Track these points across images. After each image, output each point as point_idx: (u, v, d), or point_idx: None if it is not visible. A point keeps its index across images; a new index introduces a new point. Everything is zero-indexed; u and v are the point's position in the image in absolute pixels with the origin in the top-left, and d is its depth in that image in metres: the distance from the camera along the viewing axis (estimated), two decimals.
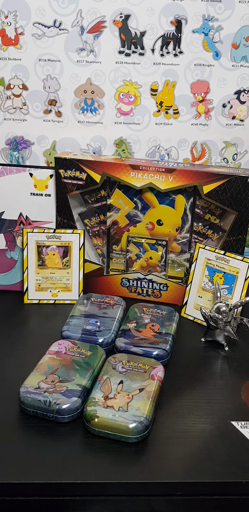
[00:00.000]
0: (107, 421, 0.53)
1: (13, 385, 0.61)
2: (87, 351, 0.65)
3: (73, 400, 0.56)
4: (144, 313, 0.77)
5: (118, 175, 0.83)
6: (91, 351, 0.66)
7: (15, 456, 0.52)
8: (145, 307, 0.79)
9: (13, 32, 0.88)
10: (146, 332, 0.72)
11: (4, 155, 0.96)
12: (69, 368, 0.62)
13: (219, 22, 0.88)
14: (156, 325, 0.74)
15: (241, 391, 0.64)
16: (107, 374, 0.61)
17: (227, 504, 0.52)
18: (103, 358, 0.65)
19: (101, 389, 0.58)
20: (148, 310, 0.78)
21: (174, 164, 0.86)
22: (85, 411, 0.55)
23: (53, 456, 0.52)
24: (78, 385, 0.59)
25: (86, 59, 0.90)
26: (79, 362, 0.63)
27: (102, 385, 0.59)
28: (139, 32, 0.88)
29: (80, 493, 0.49)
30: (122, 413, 0.54)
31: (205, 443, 0.55)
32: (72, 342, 0.68)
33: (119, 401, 0.56)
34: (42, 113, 0.93)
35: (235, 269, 0.78)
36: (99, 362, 0.64)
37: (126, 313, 0.79)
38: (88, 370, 0.62)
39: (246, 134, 0.95)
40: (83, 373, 0.61)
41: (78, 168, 0.84)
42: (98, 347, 0.67)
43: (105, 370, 0.62)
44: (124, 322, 0.75)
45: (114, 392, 0.57)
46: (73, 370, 0.61)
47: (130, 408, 0.55)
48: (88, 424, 0.54)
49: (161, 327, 0.74)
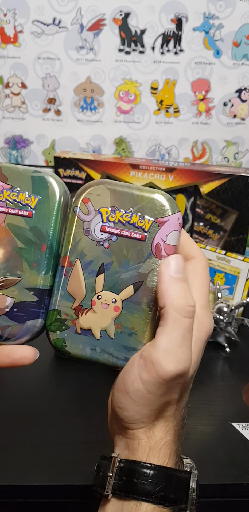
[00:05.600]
0: (84, 358, 0.33)
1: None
2: (31, 194, 0.33)
3: (29, 327, 0.33)
4: None
5: (118, 175, 0.83)
6: (38, 193, 0.33)
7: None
8: None
9: (12, 30, 0.87)
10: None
11: (3, 154, 0.95)
12: (6, 246, 0.33)
13: (220, 20, 0.87)
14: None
15: (242, 393, 0.64)
16: (77, 249, 0.33)
17: (228, 506, 0.51)
18: (63, 205, 0.33)
19: (69, 288, 0.33)
20: None
21: (174, 163, 0.85)
22: (49, 339, 0.33)
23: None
24: (31, 288, 0.33)
25: (85, 57, 0.89)
26: (21, 230, 0.33)
27: (70, 279, 0.33)
28: (139, 30, 0.87)
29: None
30: (107, 342, 0.32)
31: (205, 445, 0.54)
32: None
33: (99, 317, 0.32)
34: (41, 112, 0.92)
35: (236, 270, 0.77)
36: (58, 218, 0.33)
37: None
38: (42, 248, 0.33)
39: (247, 133, 0.94)
40: (35, 254, 0.33)
41: (78, 167, 0.84)
42: (50, 183, 0.33)
43: (73, 240, 0.33)
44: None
45: (91, 295, 0.33)
46: (14, 252, 0.33)
47: (119, 330, 0.33)
48: (60, 354, 0.35)
49: None
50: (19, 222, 0.33)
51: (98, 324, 0.33)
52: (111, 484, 0.30)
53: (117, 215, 0.32)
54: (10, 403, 0.59)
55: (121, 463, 0.31)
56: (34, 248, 0.33)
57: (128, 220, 0.32)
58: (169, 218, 0.32)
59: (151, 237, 0.32)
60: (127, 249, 0.32)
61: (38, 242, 0.33)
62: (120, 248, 0.32)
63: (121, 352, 0.32)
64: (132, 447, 0.31)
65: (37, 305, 0.33)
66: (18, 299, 0.33)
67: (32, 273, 0.33)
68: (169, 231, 0.32)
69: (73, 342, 0.33)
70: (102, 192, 0.33)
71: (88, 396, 0.60)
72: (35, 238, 0.33)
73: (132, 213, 0.32)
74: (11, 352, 0.32)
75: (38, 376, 0.63)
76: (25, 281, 0.33)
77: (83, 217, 0.33)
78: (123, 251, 0.33)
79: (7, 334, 0.33)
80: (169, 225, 0.32)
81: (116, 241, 0.33)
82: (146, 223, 0.32)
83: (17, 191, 0.33)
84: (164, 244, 0.32)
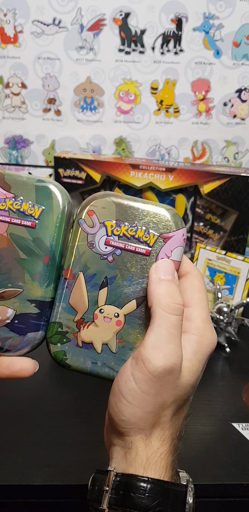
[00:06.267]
0: (85, 371, 0.33)
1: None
2: (34, 204, 0.33)
3: (30, 339, 0.33)
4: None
5: (118, 175, 0.83)
6: (42, 203, 0.33)
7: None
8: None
9: (12, 30, 0.87)
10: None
11: (3, 154, 0.95)
12: (8, 256, 0.32)
13: (220, 20, 0.87)
14: None
15: (242, 393, 0.64)
16: (80, 262, 0.32)
17: (228, 506, 0.51)
18: (66, 216, 0.33)
19: (71, 301, 0.32)
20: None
21: (174, 163, 0.85)
22: (50, 351, 0.33)
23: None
24: (32, 300, 0.32)
25: (85, 57, 0.89)
26: (24, 241, 0.32)
27: (72, 292, 0.32)
28: (139, 30, 0.87)
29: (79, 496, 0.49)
30: (108, 356, 0.32)
31: (205, 445, 0.54)
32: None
33: (101, 330, 0.32)
34: (41, 112, 0.92)
35: (236, 270, 0.77)
36: (62, 230, 0.33)
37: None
38: (45, 260, 0.32)
39: (247, 133, 0.94)
40: (37, 266, 0.32)
41: (78, 167, 0.84)
42: (54, 193, 0.33)
43: (77, 252, 0.33)
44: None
45: (93, 308, 0.32)
46: (16, 262, 0.32)
47: (121, 344, 0.33)
48: (60, 366, 0.34)
49: None
50: (22, 232, 0.32)
51: (100, 338, 0.32)
52: (107, 498, 0.30)
53: (122, 229, 0.32)
54: (10, 403, 0.59)
55: (117, 477, 0.30)
56: (37, 259, 0.32)
57: (132, 234, 0.32)
58: (174, 233, 0.32)
59: (156, 252, 0.32)
60: (131, 263, 0.32)
61: (41, 254, 0.32)
62: (124, 262, 0.32)
63: (122, 366, 0.32)
64: (129, 458, 0.31)
65: (38, 317, 0.32)
66: (19, 310, 0.32)
67: (34, 285, 0.32)
68: (174, 246, 0.32)
69: (74, 355, 0.33)
70: (107, 205, 0.32)
71: (88, 396, 0.60)
72: (38, 249, 0.32)
73: (137, 228, 0.32)
74: (10, 364, 0.32)
75: (39, 376, 0.63)
76: (27, 293, 0.32)
77: (87, 230, 0.32)
78: (127, 265, 0.32)
79: (8, 345, 0.33)
80: (173, 240, 0.32)
81: (120, 255, 0.32)
82: (151, 238, 0.32)
83: (20, 201, 0.32)
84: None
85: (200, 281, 0.33)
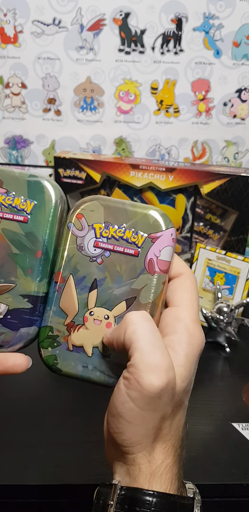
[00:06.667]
0: (76, 376, 0.33)
1: None
2: (27, 199, 0.33)
3: (23, 335, 0.32)
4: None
5: (118, 175, 0.83)
6: (34, 198, 0.33)
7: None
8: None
9: (12, 30, 0.87)
10: None
11: (3, 154, 0.95)
12: (0, 252, 0.32)
13: (220, 20, 0.87)
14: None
15: (242, 393, 0.64)
16: (70, 265, 0.33)
17: (228, 506, 0.51)
18: (59, 211, 0.33)
19: (62, 304, 0.32)
20: None
21: (174, 163, 0.85)
22: (41, 356, 0.33)
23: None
24: (25, 295, 0.32)
25: (85, 57, 0.89)
26: (16, 236, 0.32)
27: (63, 295, 0.32)
28: (139, 30, 0.87)
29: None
30: (98, 360, 0.32)
31: (205, 445, 0.54)
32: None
33: (92, 333, 0.32)
34: (41, 112, 0.92)
35: (236, 270, 0.77)
36: (54, 224, 0.33)
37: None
38: (37, 254, 0.32)
39: (247, 133, 0.94)
40: (29, 260, 0.32)
41: (78, 167, 0.84)
42: (46, 188, 0.33)
43: (67, 255, 0.33)
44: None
45: (83, 311, 0.32)
46: (8, 257, 0.32)
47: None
48: (51, 371, 0.34)
49: None
50: (14, 227, 0.32)
51: (91, 341, 0.32)
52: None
53: (111, 231, 0.32)
54: (10, 403, 0.59)
55: (122, 491, 0.30)
56: (29, 254, 0.32)
57: (121, 236, 0.32)
58: (162, 233, 0.32)
59: (144, 253, 0.32)
60: (120, 264, 0.32)
61: (33, 248, 0.32)
62: (113, 264, 0.32)
63: (113, 370, 0.32)
64: (133, 474, 0.30)
65: (31, 312, 0.32)
66: (12, 306, 0.32)
67: (26, 279, 0.32)
68: (162, 246, 0.32)
69: (65, 359, 0.32)
70: (96, 208, 0.33)
71: (88, 396, 0.60)
72: (30, 244, 0.32)
73: (125, 229, 0.32)
74: (3, 360, 0.32)
75: (39, 376, 0.63)
76: (20, 288, 0.32)
77: (77, 233, 0.33)
78: (116, 267, 0.32)
79: (0, 341, 0.32)
80: (162, 240, 0.32)
81: (109, 257, 0.32)
82: (139, 238, 0.32)
83: (12, 196, 0.32)
84: (157, 260, 0.32)
85: (192, 282, 0.33)
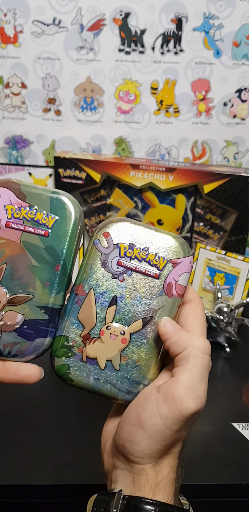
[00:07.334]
0: (86, 387, 0.34)
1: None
2: (48, 214, 0.34)
3: (37, 345, 0.33)
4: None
5: (118, 175, 0.83)
6: (56, 214, 0.34)
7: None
8: None
9: (12, 30, 0.87)
10: None
11: (3, 154, 0.95)
12: (20, 263, 0.33)
13: (220, 20, 0.87)
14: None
15: (242, 393, 0.64)
16: (92, 279, 0.34)
17: (228, 506, 0.51)
18: (78, 227, 0.34)
19: (80, 316, 0.34)
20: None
21: (174, 163, 0.85)
22: (53, 365, 0.34)
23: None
24: (42, 307, 0.33)
25: (85, 57, 0.89)
26: (36, 249, 0.33)
27: (82, 307, 0.34)
28: (139, 30, 0.87)
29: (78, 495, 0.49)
30: (111, 373, 0.33)
31: (205, 445, 0.54)
32: (16, 192, 0.34)
33: (107, 346, 0.33)
34: (41, 112, 0.92)
35: (236, 270, 0.77)
36: (73, 240, 0.34)
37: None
38: (56, 268, 0.33)
39: (247, 133, 0.94)
40: (48, 273, 0.33)
41: (78, 167, 0.84)
42: (67, 205, 0.34)
43: (90, 270, 0.34)
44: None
45: (100, 325, 0.33)
46: (28, 269, 0.33)
47: (125, 362, 0.33)
48: (62, 380, 0.35)
49: None
50: (35, 240, 0.33)
51: (105, 354, 0.33)
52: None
53: (135, 252, 0.34)
54: (10, 403, 0.59)
55: (125, 500, 0.30)
56: (48, 267, 0.33)
57: (144, 257, 0.34)
58: (182, 260, 0.34)
59: (164, 276, 0.34)
60: (140, 284, 0.34)
61: (52, 262, 0.33)
62: (134, 283, 0.34)
63: (124, 384, 0.33)
64: (138, 483, 0.31)
65: (47, 323, 0.33)
66: (28, 316, 0.33)
67: (44, 291, 0.33)
68: (181, 272, 0.34)
69: (77, 369, 0.34)
70: (122, 229, 0.35)
71: (88, 396, 0.60)
72: (49, 257, 0.33)
73: (148, 252, 0.34)
74: (17, 369, 0.33)
75: None
76: (37, 299, 0.33)
77: (101, 250, 0.34)
78: (136, 286, 0.34)
79: (15, 350, 0.33)
80: (182, 266, 0.34)
81: (131, 276, 0.34)
82: (161, 262, 0.34)
83: (35, 210, 0.33)
84: (175, 284, 0.34)
85: (202, 309, 0.35)
